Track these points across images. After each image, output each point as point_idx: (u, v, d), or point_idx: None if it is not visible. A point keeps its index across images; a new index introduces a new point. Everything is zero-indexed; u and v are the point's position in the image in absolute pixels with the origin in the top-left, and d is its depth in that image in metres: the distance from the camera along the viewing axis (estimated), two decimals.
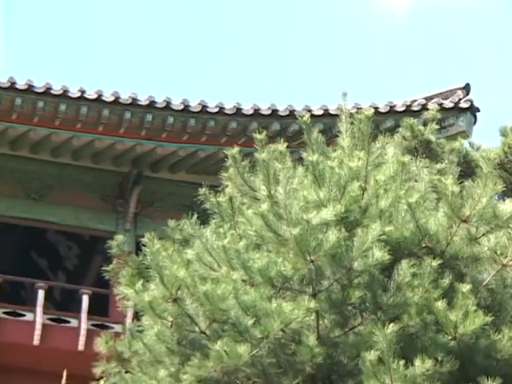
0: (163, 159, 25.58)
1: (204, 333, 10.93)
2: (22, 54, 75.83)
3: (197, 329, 11.02)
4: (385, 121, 16.97)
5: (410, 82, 50.76)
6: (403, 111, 22.94)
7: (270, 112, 24.16)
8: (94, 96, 24.21)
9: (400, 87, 49.09)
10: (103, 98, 24.26)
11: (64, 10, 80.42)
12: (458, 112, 24.41)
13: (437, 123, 12.95)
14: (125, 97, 24.28)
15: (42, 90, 23.81)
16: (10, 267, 26.68)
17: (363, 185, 11.25)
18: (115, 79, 74.16)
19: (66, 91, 24.01)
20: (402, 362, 9.91)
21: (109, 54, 78.28)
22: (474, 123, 26.24)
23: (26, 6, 79.26)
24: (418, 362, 9.89)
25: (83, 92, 24.10)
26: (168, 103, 24.32)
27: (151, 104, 24.29)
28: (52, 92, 23.93)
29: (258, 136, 12.45)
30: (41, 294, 24.60)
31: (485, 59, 54.65)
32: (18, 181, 26.04)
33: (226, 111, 24.42)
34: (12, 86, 23.91)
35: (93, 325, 23.45)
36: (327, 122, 12.95)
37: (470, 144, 13.65)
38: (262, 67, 61.38)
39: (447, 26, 59.38)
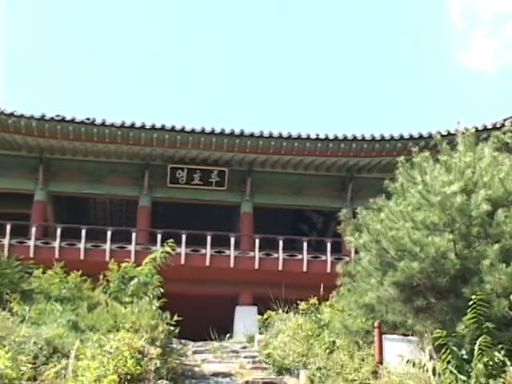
0: (363, 167, 25.29)
1: (393, 257, 10.97)
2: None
3: (389, 255, 11.08)
4: (482, 134, 16.50)
5: (494, 109, 47.99)
6: (491, 128, 22.11)
7: (418, 136, 23.75)
8: (322, 136, 24.35)
9: (487, 114, 46.48)
10: (320, 137, 24.29)
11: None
12: None
13: (511, 132, 12.66)
14: (339, 134, 24.31)
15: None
16: (288, 231, 27.06)
17: (473, 170, 11.18)
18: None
19: (305, 136, 24.26)
20: (503, 265, 9.83)
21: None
22: None
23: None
24: None
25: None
26: (363, 137, 24.23)
27: (354, 138, 24.22)
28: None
29: (413, 149, 12.54)
30: (305, 244, 24.75)
31: None
32: (286, 185, 26.11)
33: (395, 138, 24.19)
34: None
35: (334, 258, 23.41)
36: (450, 138, 12.72)
37: None
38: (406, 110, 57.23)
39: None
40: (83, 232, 23.73)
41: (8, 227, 23.27)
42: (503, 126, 20.00)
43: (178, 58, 59.04)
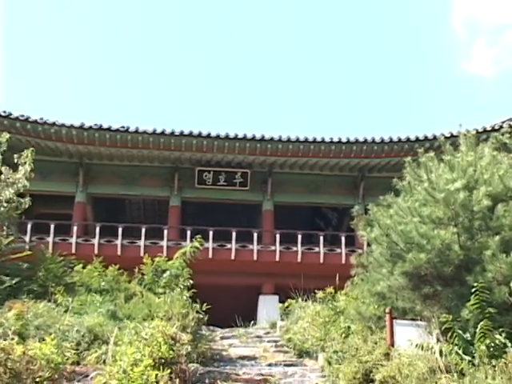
0: (373, 167, 25.17)
1: (402, 249, 10.92)
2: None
3: (399, 248, 11.02)
4: (482, 135, 16.33)
5: (493, 112, 47.55)
6: (491, 130, 21.88)
7: (423, 138, 23.62)
8: (335, 139, 24.39)
9: (487, 116, 45.75)
10: (334, 140, 24.36)
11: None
12: None
13: (508, 133, 12.56)
14: (352, 138, 24.32)
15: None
16: (306, 227, 26.99)
17: (474, 168, 11.12)
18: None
19: (320, 140, 24.33)
20: (504, 255, 9.75)
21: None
22: None
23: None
24: None
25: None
26: (374, 140, 24.20)
27: (365, 141, 24.18)
28: (308, 140, 24.32)
29: (419, 150, 12.49)
30: (321, 238, 24.71)
31: None
32: (303, 185, 26.09)
33: (402, 140, 24.11)
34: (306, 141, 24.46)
35: (348, 251, 23.30)
36: (453, 139, 12.64)
37: None
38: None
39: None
40: (120, 230, 23.94)
41: (52, 226, 23.56)
42: (501, 127, 19.78)
43: (179, 59, 58.26)
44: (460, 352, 9.29)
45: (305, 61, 56.86)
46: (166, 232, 24.27)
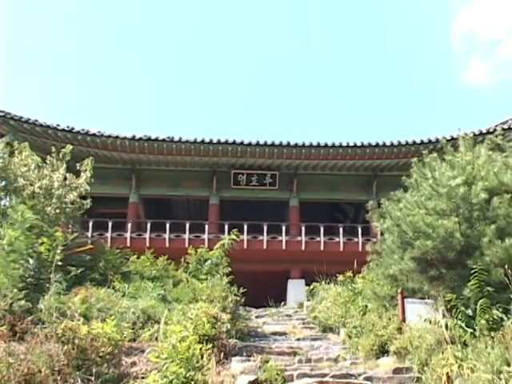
0: (385, 167, 24.93)
1: (411, 237, 10.88)
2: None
3: (408, 236, 11.01)
4: (478, 138, 15.95)
5: (487, 117, 46.65)
6: (486, 132, 21.52)
7: (427, 141, 23.39)
8: (351, 144, 24.29)
9: (481, 121, 44.60)
10: (350, 145, 24.25)
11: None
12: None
13: (501, 135, 12.43)
14: (365, 142, 24.23)
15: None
16: (327, 220, 26.90)
17: (472, 166, 11.05)
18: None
19: (338, 144, 24.28)
20: (499, 241, 9.70)
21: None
22: None
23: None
24: (507, 239, 9.68)
25: (340, 143, 24.26)
26: (384, 143, 24.01)
27: (377, 144, 24.03)
28: (328, 145, 24.22)
29: (424, 151, 12.46)
30: (341, 229, 24.59)
31: None
32: (324, 183, 26.02)
33: (409, 143, 23.90)
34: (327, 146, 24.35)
35: (364, 240, 23.10)
36: (453, 141, 12.55)
37: None
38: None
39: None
40: (167, 225, 24.16)
41: (110, 224, 23.87)
42: (495, 130, 19.50)
43: (183, 61, 56.02)
44: (463, 326, 9.28)
45: (323, 75, 56.44)
46: (206, 227, 24.42)
